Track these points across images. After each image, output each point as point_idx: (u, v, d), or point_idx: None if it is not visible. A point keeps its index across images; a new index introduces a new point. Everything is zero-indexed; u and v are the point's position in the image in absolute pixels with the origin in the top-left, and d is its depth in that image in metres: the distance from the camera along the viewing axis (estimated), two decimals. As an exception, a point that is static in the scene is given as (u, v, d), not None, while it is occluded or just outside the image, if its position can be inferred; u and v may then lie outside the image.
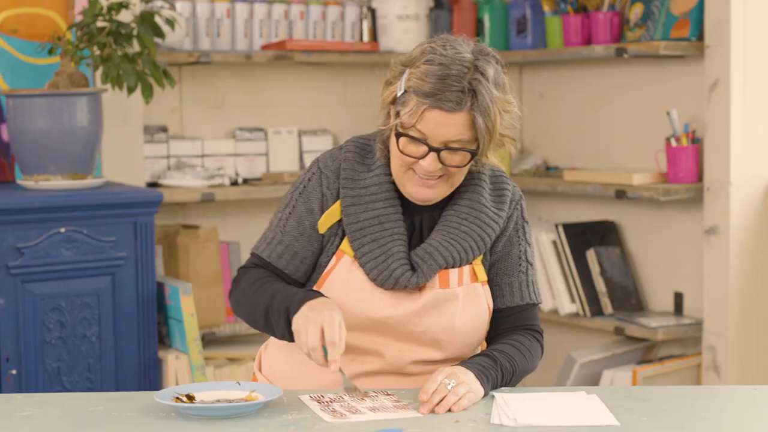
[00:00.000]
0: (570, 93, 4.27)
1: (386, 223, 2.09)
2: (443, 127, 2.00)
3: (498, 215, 2.14)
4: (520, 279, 2.17)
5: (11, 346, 3.10)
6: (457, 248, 2.10)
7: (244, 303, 2.12)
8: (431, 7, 4.29)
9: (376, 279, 2.08)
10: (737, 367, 3.64)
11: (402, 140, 2.03)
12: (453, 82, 1.98)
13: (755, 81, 3.60)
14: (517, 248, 2.18)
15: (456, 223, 2.11)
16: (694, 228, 3.81)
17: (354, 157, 2.13)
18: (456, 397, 1.92)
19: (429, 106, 1.99)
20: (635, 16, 3.90)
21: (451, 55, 2.01)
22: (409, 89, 2.01)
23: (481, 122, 1.99)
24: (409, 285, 2.07)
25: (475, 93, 1.99)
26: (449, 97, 1.98)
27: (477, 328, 2.14)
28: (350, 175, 2.12)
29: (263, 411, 1.92)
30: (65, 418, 1.90)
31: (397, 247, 2.08)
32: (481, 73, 2.00)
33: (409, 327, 2.10)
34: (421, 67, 2.01)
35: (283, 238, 2.13)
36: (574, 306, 4.02)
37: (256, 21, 4.01)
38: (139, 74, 3.27)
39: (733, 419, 1.95)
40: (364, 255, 2.08)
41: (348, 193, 2.11)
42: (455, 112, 1.98)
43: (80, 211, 3.18)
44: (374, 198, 2.10)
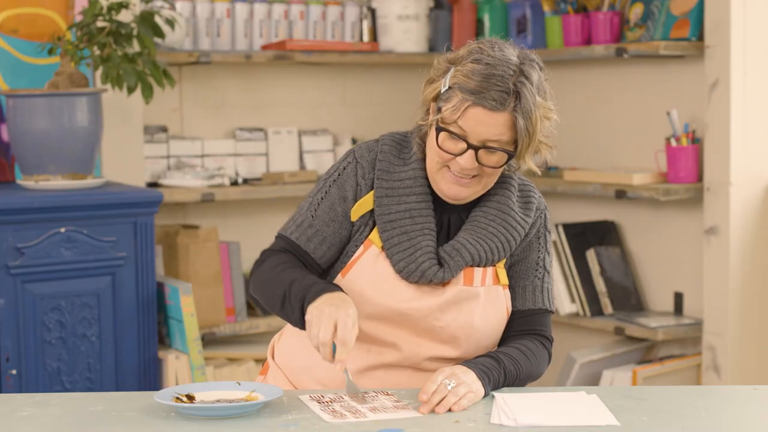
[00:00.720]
0: (570, 93, 4.27)
1: (417, 218, 2.11)
2: (484, 125, 2.02)
3: (524, 220, 2.16)
4: (535, 284, 2.18)
5: (11, 346, 3.10)
6: (484, 248, 2.11)
7: (263, 285, 2.12)
8: (431, 7, 4.29)
9: (402, 271, 2.09)
10: (737, 367, 3.64)
11: (442, 135, 2.05)
12: (498, 82, 2.00)
13: (755, 81, 3.60)
14: (536, 254, 2.19)
15: (484, 223, 2.13)
16: (694, 228, 3.81)
17: (390, 150, 2.15)
18: (456, 397, 1.93)
19: (472, 103, 2.01)
20: (635, 16, 3.90)
21: (498, 56, 2.03)
22: (453, 86, 2.04)
23: (522, 124, 2.02)
24: (435, 279, 2.09)
25: (518, 95, 2.01)
26: (493, 96, 2.00)
27: (494, 329, 2.15)
28: (386, 167, 2.13)
29: (263, 411, 1.92)
30: (65, 418, 1.90)
31: (426, 242, 2.09)
32: (526, 77, 2.03)
33: (429, 321, 2.10)
34: (468, 65, 2.03)
35: (313, 222, 2.14)
36: (574, 306, 4.02)
37: (256, 21, 4.01)
38: (139, 74, 3.27)
39: (733, 419, 1.95)
40: (393, 246, 2.10)
41: (382, 184, 2.12)
42: (498, 111, 2.01)
43: (80, 211, 3.18)
44: (408, 191, 2.12)
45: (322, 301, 1.97)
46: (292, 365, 2.20)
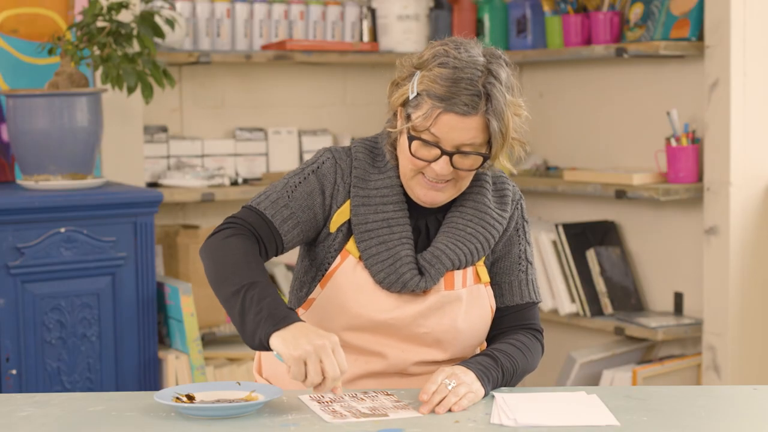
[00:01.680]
0: (570, 93, 4.27)
1: (395, 227, 2.09)
2: (457, 130, 1.99)
3: (501, 216, 2.14)
4: (520, 278, 2.18)
5: (11, 346, 3.10)
6: (463, 250, 2.10)
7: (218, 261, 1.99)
8: (431, 7, 4.29)
9: (383, 282, 2.07)
10: (737, 367, 3.64)
11: (414, 144, 2.03)
12: (467, 85, 1.98)
13: (755, 81, 3.60)
14: (517, 247, 2.18)
15: (462, 225, 2.11)
16: (694, 228, 3.81)
17: (364, 157, 2.13)
18: (456, 397, 1.93)
19: (443, 109, 1.98)
20: (635, 16, 3.90)
21: (465, 58, 2.00)
22: (422, 92, 2.01)
23: (495, 126, 2.00)
24: (417, 289, 2.08)
25: (489, 96, 1.99)
26: (464, 101, 1.97)
27: (479, 329, 2.14)
28: (361, 174, 2.11)
29: (263, 411, 1.92)
30: (65, 418, 1.90)
31: (405, 251, 2.08)
32: (495, 77, 2.00)
33: (412, 328, 2.10)
34: (434, 69, 2.01)
35: (289, 203, 2.08)
36: (574, 306, 4.02)
37: (256, 21, 4.01)
38: (139, 74, 3.27)
39: (733, 419, 1.95)
40: (371, 257, 2.08)
41: (358, 192, 2.10)
42: (469, 115, 1.98)
43: (80, 211, 3.18)
44: (384, 200, 2.10)
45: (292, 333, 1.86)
46: (281, 377, 2.18)
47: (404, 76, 2.08)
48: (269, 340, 1.88)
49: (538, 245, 4.08)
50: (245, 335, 1.93)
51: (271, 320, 1.89)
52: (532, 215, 4.40)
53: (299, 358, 1.84)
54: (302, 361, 1.84)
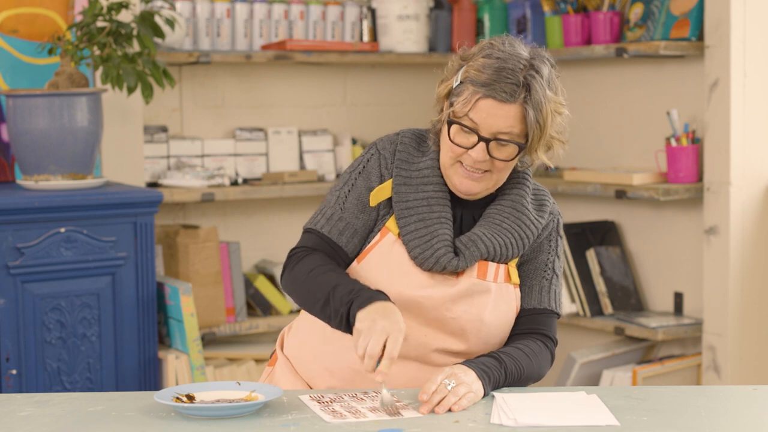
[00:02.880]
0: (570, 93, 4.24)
1: (434, 206, 2.12)
2: (495, 117, 2.04)
3: (538, 220, 2.17)
4: (542, 284, 2.19)
5: (11, 346, 3.10)
6: (499, 242, 2.13)
7: (301, 287, 2.10)
8: (431, 7, 4.29)
9: (418, 258, 2.10)
10: (737, 367, 3.64)
11: (453, 128, 2.07)
12: (508, 74, 2.04)
13: (755, 81, 3.60)
14: (546, 255, 2.20)
15: (499, 219, 2.15)
16: (694, 228, 3.81)
17: (410, 141, 2.18)
18: (456, 397, 1.93)
19: (483, 95, 2.03)
20: (635, 16, 3.90)
21: (509, 51, 2.07)
22: (465, 80, 2.07)
23: (532, 116, 2.05)
24: (449, 267, 2.10)
25: (529, 87, 2.05)
26: (504, 88, 2.03)
27: (503, 326, 2.16)
28: (405, 157, 2.16)
29: (263, 411, 1.92)
30: (65, 418, 1.90)
31: (443, 230, 2.11)
32: (536, 71, 2.07)
33: (440, 311, 2.11)
34: (479, 60, 2.07)
35: (343, 215, 2.15)
36: (574, 306, 4.02)
37: (256, 21, 4.01)
38: (139, 74, 3.27)
39: (733, 419, 1.95)
40: (409, 233, 2.11)
41: (401, 173, 2.14)
42: (508, 103, 2.04)
43: (80, 211, 3.18)
44: (425, 181, 2.14)
45: (373, 310, 1.96)
46: (302, 356, 2.21)
47: (452, 71, 2.14)
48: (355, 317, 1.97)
49: (538, 245, 4.08)
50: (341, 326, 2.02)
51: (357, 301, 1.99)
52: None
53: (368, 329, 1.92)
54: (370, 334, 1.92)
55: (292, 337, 2.27)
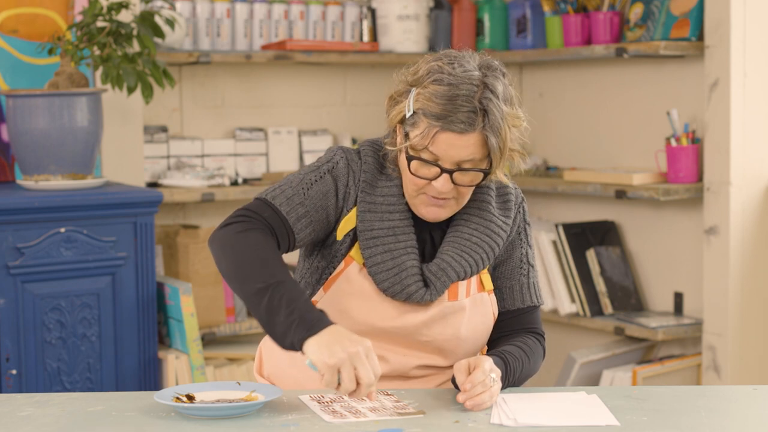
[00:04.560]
0: (570, 93, 4.27)
1: (400, 236, 2.08)
2: (455, 148, 1.98)
3: (505, 222, 2.14)
4: (521, 282, 2.17)
5: (11, 346, 3.10)
6: (468, 261, 2.10)
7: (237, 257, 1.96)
8: (431, 7, 4.29)
9: (387, 290, 2.06)
10: (737, 367, 3.64)
11: (414, 163, 2.02)
12: (463, 102, 1.96)
13: (755, 81, 3.60)
14: (519, 251, 2.18)
15: (467, 234, 2.11)
16: (694, 228, 3.81)
17: (373, 162, 2.11)
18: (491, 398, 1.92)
19: (440, 128, 1.96)
20: (635, 16, 3.90)
21: (459, 74, 1.98)
22: (418, 110, 1.99)
23: (493, 141, 1.98)
24: (419, 299, 2.07)
25: (486, 112, 1.97)
26: (461, 119, 1.95)
27: (481, 336, 2.15)
28: (369, 180, 2.09)
29: (263, 411, 1.92)
30: (65, 418, 1.90)
31: (410, 261, 2.07)
32: (491, 91, 1.98)
33: (415, 337, 2.10)
34: (429, 87, 1.99)
35: (305, 200, 2.06)
36: (574, 306, 4.02)
37: (256, 21, 4.01)
38: (139, 74, 3.27)
39: (733, 419, 1.95)
40: (376, 265, 2.07)
41: (365, 198, 2.08)
42: (467, 133, 1.97)
43: (80, 211, 3.18)
44: (391, 209, 2.08)
45: (326, 340, 1.85)
46: (282, 379, 2.19)
47: (400, 92, 2.06)
48: (302, 345, 1.86)
49: (538, 245, 4.08)
50: (274, 336, 1.91)
51: (303, 325, 1.87)
52: (532, 215, 4.41)
53: (333, 366, 1.83)
54: (336, 369, 1.83)
55: (268, 360, 2.23)
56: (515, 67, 4.43)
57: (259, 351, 2.29)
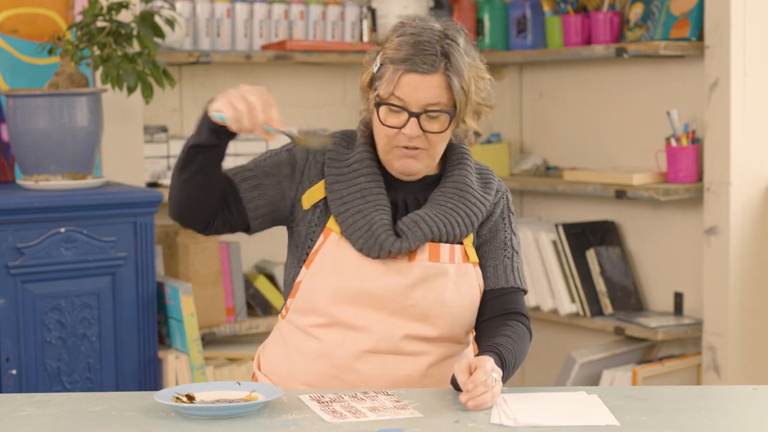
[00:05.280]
0: (570, 93, 4.27)
1: (369, 196, 2.14)
2: (420, 90, 2.07)
3: (484, 197, 2.19)
4: (506, 263, 2.21)
5: (11, 346, 3.10)
6: (443, 221, 2.14)
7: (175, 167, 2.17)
8: (431, 7, 4.29)
9: (363, 248, 2.11)
10: (737, 367, 3.64)
11: (382, 110, 2.10)
12: (426, 46, 2.07)
13: (755, 81, 3.60)
14: (503, 234, 2.22)
15: (443, 200, 2.17)
16: (694, 228, 3.81)
17: (339, 141, 2.21)
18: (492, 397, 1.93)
19: (405, 70, 2.07)
20: (635, 16, 3.90)
21: (422, 25, 2.11)
22: (384, 62, 2.10)
23: (456, 83, 2.08)
24: (394, 250, 2.11)
25: (448, 56, 2.08)
26: (424, 60, 2.06)
27: (467, 306, 2.17)
28: (335, 156, 2.18)
29: (263, 411, 1.92)
30: (65, 418, 1.90)
31: (380, 216, 2.13)
32: (452, 40, 2.10)
33: (399, 300, 2.12)
34: (395, 40, 2.10)
35: (254, 168, 2.20)
36: (574, 306, 4.02)
37: (256, 21, 4.01)
38: (139, 74, 3.27)
39: (733, 419, 1.95)
40: (350, 227, 2.13)
41: (332, 171, 2.17)
42: (430, 73, 2.07)
43: (80, 211, 3.18)
44: (357, 174, 2.16)
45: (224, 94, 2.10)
46: (279, 372, 2.21)
47: (370, 59, 2.17)
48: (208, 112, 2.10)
49: (538, 245, 4.08)
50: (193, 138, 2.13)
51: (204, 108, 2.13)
52: (532, 215, 4.41)
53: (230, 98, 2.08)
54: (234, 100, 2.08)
55: (267, 355, 2.27)
56: (515, 67, 4.43)
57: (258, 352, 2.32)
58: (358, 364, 2.12)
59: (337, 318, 2.12)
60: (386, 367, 2.13)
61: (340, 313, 2.12)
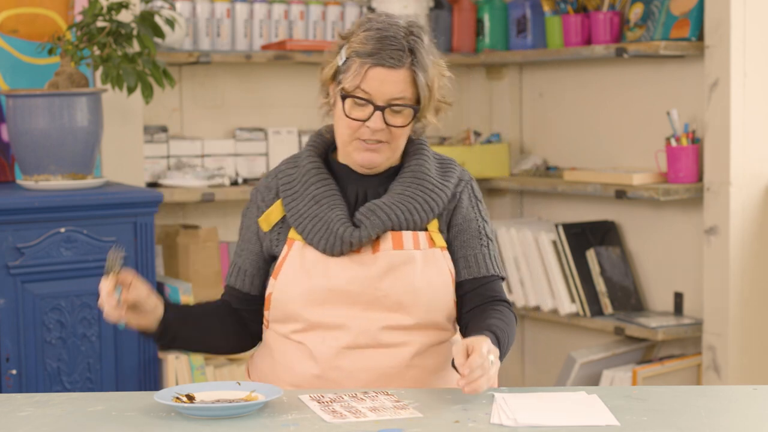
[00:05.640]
0: (570, 93, 4.27)
1: (322, 200, 2.17)
2: (386, 84, 2.10)
3: (444, 185, 2.21)
4: (483, 252, 2.22)
5: (11, 346, 3.10)
6: (401, 208, 2.16)
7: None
8: (431, 7, 4.29)
9: (326, 248, 2.14)
10: (737, 367, 3.64)
11: (348, 103, 2.13)
12: (392, 42, 2.11)
13: (755, 81, 3.60)
14: (476, 223, 2.24)
15: (400, 189, 2.19)
16: (694, 228, 3.81)
17: (286, 168, 2.25)
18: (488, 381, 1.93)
19: (372, 64, 2.10)
20: (635, 16, 3.90)
21: (388, 21, 2.15)
22: (351, 55, 2.13)
23: (422, 78, 2.11)
24: (354, 241, 2.13)
25: (413, 51, 2.12)
26: (391, 55, 2.10)
27: (439, 290, 2.17)
28: (286, 180, 2.22)
29: (263, 411, 1.92)
30: (65, 418, 1.90)
31: (335, 213, 2.15)
32: (417, 36, 2.14)
33: (369, 292, 2.14)
34: (361, 34, 2.13)
35: (234, 260, 2.27)
36: (574, 306, 4.02)
37: (256, 21, 4.01)
38: (139, 74, 3.27)
39: (733, 419, 1.95)
40: (309, 232, 2.15)
41: (287, 193, 2.20)
42: (397, 68, 2.10)
43: (80, 211, 3.18)
44: (307, 185, 2.19)
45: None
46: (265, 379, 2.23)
47: (333, 53, 2.19)
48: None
49: (538, 245, 4.08)
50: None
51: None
52: (532, 215, 4.41)
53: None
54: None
55: (253, 365, 2.30)
56: (515, 67, 4.43)
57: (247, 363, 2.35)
58: (339, 361, 2.13)
59: (314, 321, 2.14)
60: (368, 361, 2.13)
61: (315, 316, 2.14)
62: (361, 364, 2.13)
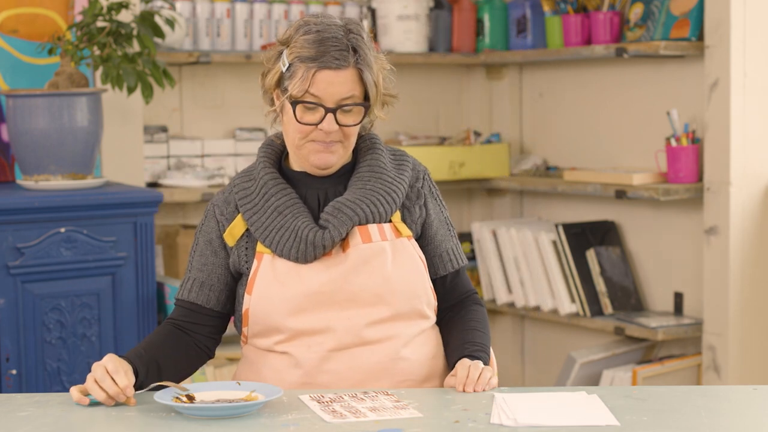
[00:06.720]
0: (570, 93, 4.27)
1: (285, 210, 2.17)
2: (334, 85, 2.11)
3: (400, 177, 2.23)
4: (454, 242, 2.29)
5: (11, 346, 3.10)
6: (366, 202, 2.17)
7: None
8: (431, 7, 4.29)
9: (298, 258, 2.14)
10: (737, 367, 3.64)
11: (298, 108, 2.13)
12: (334, 43, 2.11)
13: (755, 81, 3.60)
14: (442, 215, 2.29)
15: (360, 184, 2.20)
16: (694, 228, 3.81)
17: (241, 182, 2.24)
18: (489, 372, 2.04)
19: (318, 67, 2.10)
20: (635, 16, 3.90)
21: (326, 23, 2.15)
22: (293, 61, 2.12)
23: (368, 75, 2.13)
24: (326, 243, 2.13)
25: (356, 50, 2.13)
26: (335, 56, 2.10)
27: (414, 278, 2.19)
28: (244, 194, 2.21)
29: (263, 411, 1.92)
30: (65, 418, 1.90)
31: (301, 221, 2.16)
32: (357, 34, 2.14)
33: (345, 288, 2.14)
34: (300, 38, 2.13)
35: (190, 274, 2.24)
36: (574, 306, 4.02)
37: (256, 21, 4.01)
38: (139, 74, 3.27)
39: (733, 419, 1.95)
40: (278, 244, 2.15)
41: (246, 207, 2.20)
42: (342, 68, 2.11)
43: (80, 211, 3.18)
44: (267, 197, 2.19)
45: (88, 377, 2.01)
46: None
47: (272, 59, 2.19)
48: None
49: (538, 245, 4.08)
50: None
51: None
52: (532, 215, 4.41)
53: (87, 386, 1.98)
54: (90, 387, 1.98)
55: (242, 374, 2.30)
56: (515, 67, 4.43)
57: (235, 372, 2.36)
58: (326, 365, 2.13)
59: (297, 329, 2.14)
60: (355, 360, 2.14)
61: (297, 324, 2.14)
62: (347, 364, 2.13)
